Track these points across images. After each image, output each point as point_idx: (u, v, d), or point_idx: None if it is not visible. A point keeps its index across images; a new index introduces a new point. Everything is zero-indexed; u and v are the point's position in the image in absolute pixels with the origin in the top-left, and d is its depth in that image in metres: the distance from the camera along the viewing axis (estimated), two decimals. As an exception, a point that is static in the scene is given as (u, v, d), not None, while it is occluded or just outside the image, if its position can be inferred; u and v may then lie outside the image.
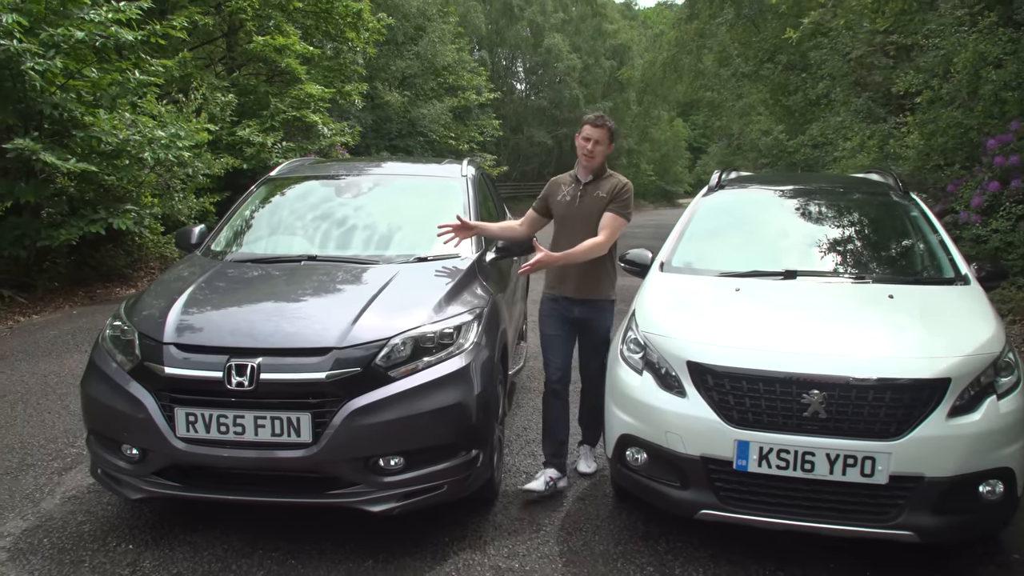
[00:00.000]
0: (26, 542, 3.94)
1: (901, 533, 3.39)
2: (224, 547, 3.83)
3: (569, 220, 4.59)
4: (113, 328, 4.08)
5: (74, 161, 10.54)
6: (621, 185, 4.55)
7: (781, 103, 17.35)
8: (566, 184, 4.69)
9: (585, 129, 4.54)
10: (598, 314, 4.59)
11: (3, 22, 9.47)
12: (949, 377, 3.39)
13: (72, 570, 3.66)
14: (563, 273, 4.57)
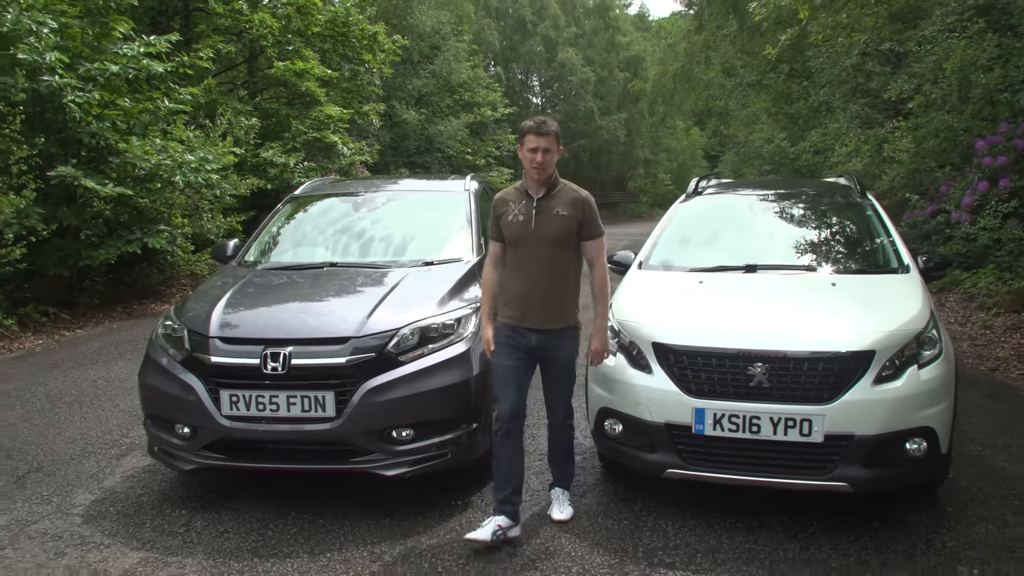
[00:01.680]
0: (95, 510, 4.62)
1: (837, 484, 3.99)
2: (262, 510, 4.49)
3: (525, 242, 4.09)
4: (165, 327, 4.75)
5: (111, 186, 11.31)
6: (583, 201, 4.15)
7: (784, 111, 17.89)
8: (515, 201, 4.17)
9: (529, 139, 4.04)
10: (561, 343, 4.17)
11: (47, 60, 10.23)
12: (873, 350, 3.99)
13: (136, 530, 4.33)
14: (525, 299, 4.10)
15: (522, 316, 4.11)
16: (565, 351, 4.19)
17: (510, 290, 4.17)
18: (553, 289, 4.11)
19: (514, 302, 4.14)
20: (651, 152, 53.27)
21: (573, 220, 4.08)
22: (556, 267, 4.10)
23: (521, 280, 4.12)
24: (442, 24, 32.14)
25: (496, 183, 30.12)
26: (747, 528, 4.22)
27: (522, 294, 4.11)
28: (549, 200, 4.10)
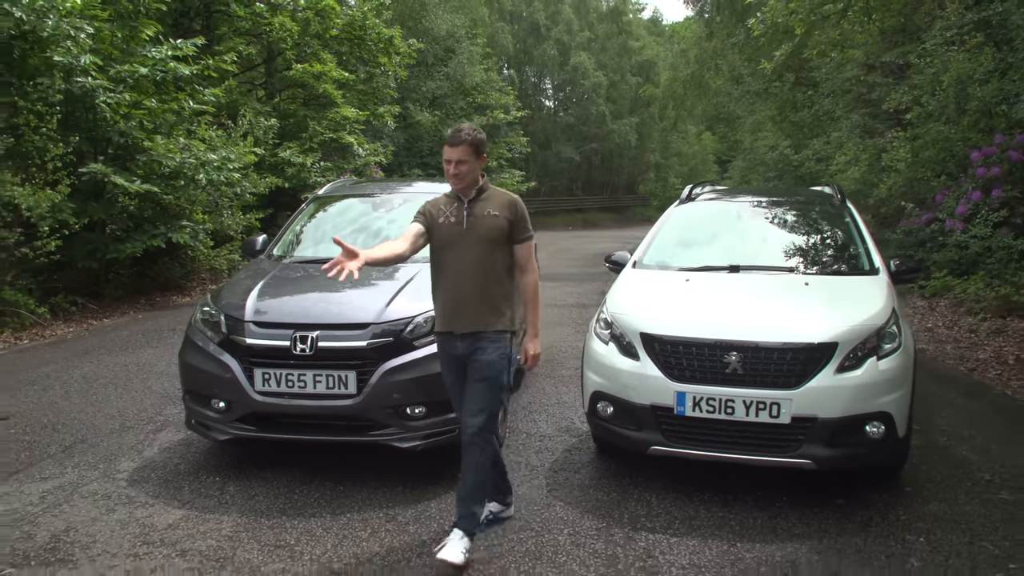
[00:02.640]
0: (138, 476, 5.15)
1: (802, 462, 4.48)
2: (289, 478, 5.01)
3: (457, 244, 4.04)
4: (203, 313, 5.27)
5: (139, 182, 11.86)
6: (514, 203, 4.12)
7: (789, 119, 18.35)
8: (446, 206, 4.13)
9: (445, 151, 4.02)
10: (484, 347, 4.03)
11: (81, 62, 10.79)
12: (836, 342, 4.47)
13: (175, 492, 4.86)
14: (456, 302, 4.05)
15: (452, 320, 4.05)
16: (487, 353, 4.03)
17: (442, 294, 4.11)
18: (485, 290, 4.02)
19: (446, 307, 4.08)
20: (662, 156, 53.72)
21: (505, 221, 4.04)
22: (489, 268, 4.03)
23: (452, 283, 4.05)
24: (456, 27, 32.66)
25: (508, 185, 30.66)
26: (722, 501, 4.71)
27: (453, 297, 4.04)
28: (479, 202, 4.08)
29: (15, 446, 5.76)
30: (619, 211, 51.77)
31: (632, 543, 4.20)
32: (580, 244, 26.16)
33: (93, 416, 6.51)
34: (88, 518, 4.52)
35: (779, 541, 4.22)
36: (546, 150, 46.17)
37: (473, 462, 4.01)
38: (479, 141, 4.06)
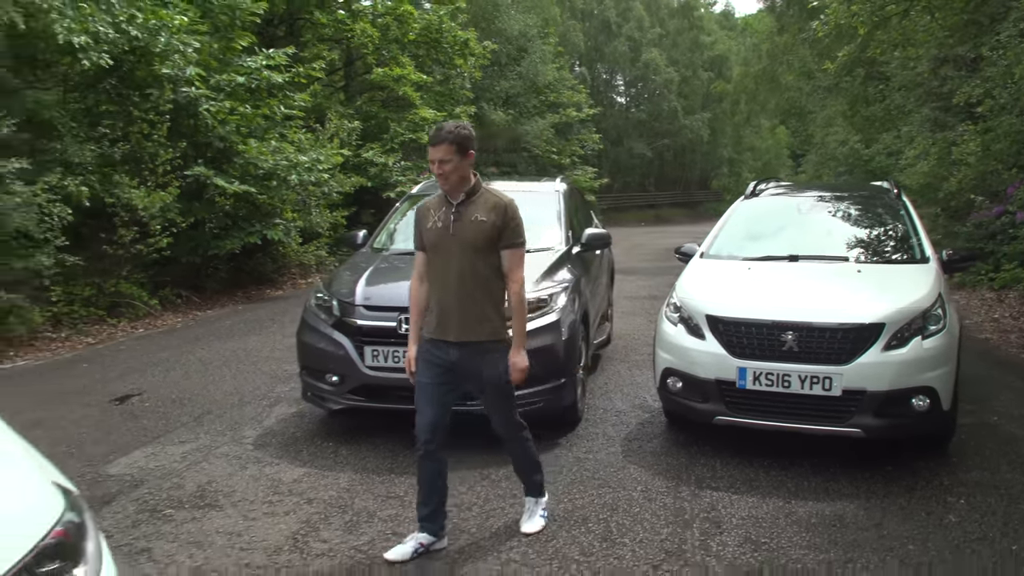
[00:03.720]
0: (261, 441, 5.90)
1: (852, 431, 4.99)
2: (394, 443, 5.70)
3: (443, 248, 3.98)
4: (317, 299, 5.99)
5: (237, 183, 12.78)
6: (504, 207, 4.00)
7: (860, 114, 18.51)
8: (435, 208, 4.08)
9: (429, 151, 3.95)
10: (484, 360, 4.02)
11: (187, 74, 11.72)
12: (883, 322, 4.97)
13: (296, 455, 5.58)
14: (443, 309, 4.00)
15: (441, 328, 4.01)
16: (489, 369, 4.03)
17: (432, 302, 4.08)
18: (471, 298, 3.95)
19: (433, 313, 4.05)
20: (735, 151, 53.57)
21: (492, 226, 3.94)
22: (475, 275, 3.96)
23: (439, 289, 4.02)
24: (529, 27, 33.23)
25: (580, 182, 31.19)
26: (780, 466, 5.24)
27: (440, 304, 4.01)
28: (468, 205, 3.99)
29: (152, 416, 6.58)
30: (692, 206, 51.78)
31: (698, 499, 4.78)
32: (652, 240, 26.53)
33: (214, 393, 7.30)
34: (225, 473, 5.27)
35: (830, 500, 4.74)
36: (618, 146, 46.51)
37: (516, 449, 4.35)
38: (462, 138, 3.91)
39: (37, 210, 9.66)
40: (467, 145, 3.94)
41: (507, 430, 4.28)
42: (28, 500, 1.94)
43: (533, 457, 4.41)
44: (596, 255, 7.70)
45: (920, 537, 4.24)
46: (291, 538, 4.30)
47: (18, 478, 2.03)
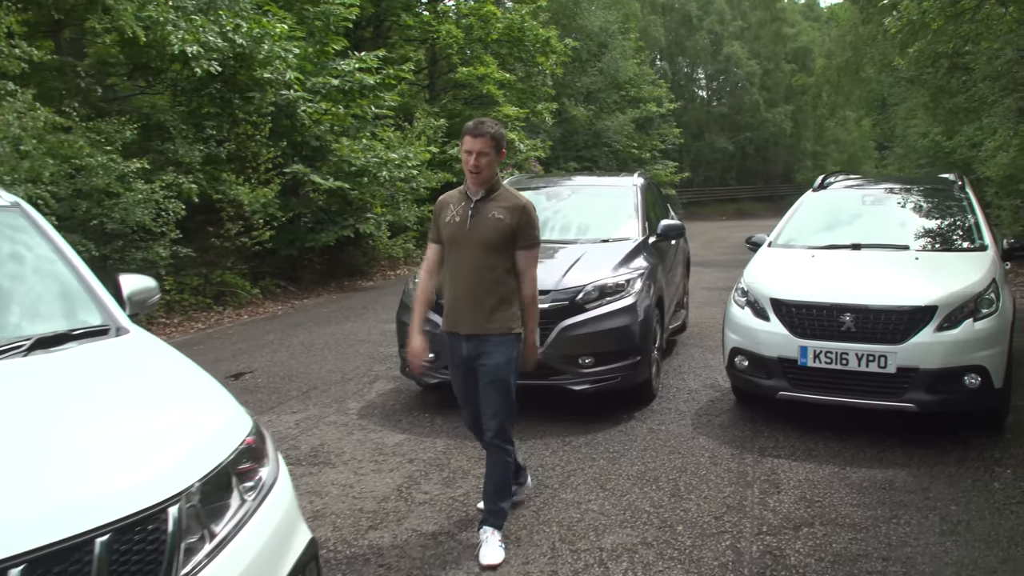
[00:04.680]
0: (364, 412, 6.58)
1: (906, 405, 5.40)
2: (485, 414, 6.30)
3: (459, 243, 4.02)
4: (415, 284, 6.61)
5: (331, 180, 13.59)
6: (522, 208, 4.01)
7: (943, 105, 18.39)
8: (455, 203, 4.11)
9: (465, 141, 3.95)
10: (489, 351, 4.01)
11: (287, 78, 12.56)
12: (936, 305, 5.36)
13: (395, 423, 6.23)
14: (456, 303, 4.08)
15: (454, 321, 4.11)
16: (492, 357, 4.02)
17: (447, 295, 4.16)
18: (483, 294, 3.99)
19: (448, 306, 4.15)
20: (818, 144, 52.89)
21: (508, 226, 3.96)
22: (488, 271, 3.99)
23: (453, 283, 4.09)
24: (609, 23, 33.62)
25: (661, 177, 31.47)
26: (838, 438, 5.67)
27: (454, 297, 4.09)
28: (487, 202, 4.01)
29: (265, 391, 7.32)
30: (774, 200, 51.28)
31: (759, 465, 5.26)
32: (732, 233, 26.66)
33: (318, 371, 8.02)
34: (334, 438, 5.95)
35: (882, 468, 5.16)
36: (699, 140, 46.50)
37: (495, 462, 4.14)
38: (501, 135, 3.99)
39: (154, 206, 10.57)
40: (502, 144, 4.02)
41: (498, 434, 4.10)
42: (229, 416, 2.59)
43: (509, 480, 4.24)
44: (672, 245, 8.18)
45: (963, 500, 4.65)
46: (396, 490, 4.93)
47: (220, 401, 2.68)
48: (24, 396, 2.49)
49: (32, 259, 3.35)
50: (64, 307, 3.20)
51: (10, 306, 3.09)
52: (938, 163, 18.76)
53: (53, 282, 3.29)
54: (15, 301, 3.13)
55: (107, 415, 2.44)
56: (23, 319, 3.05)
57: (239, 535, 2.23)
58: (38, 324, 3.03)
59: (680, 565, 3.93)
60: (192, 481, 2.16)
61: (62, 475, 2.03)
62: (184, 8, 11.53)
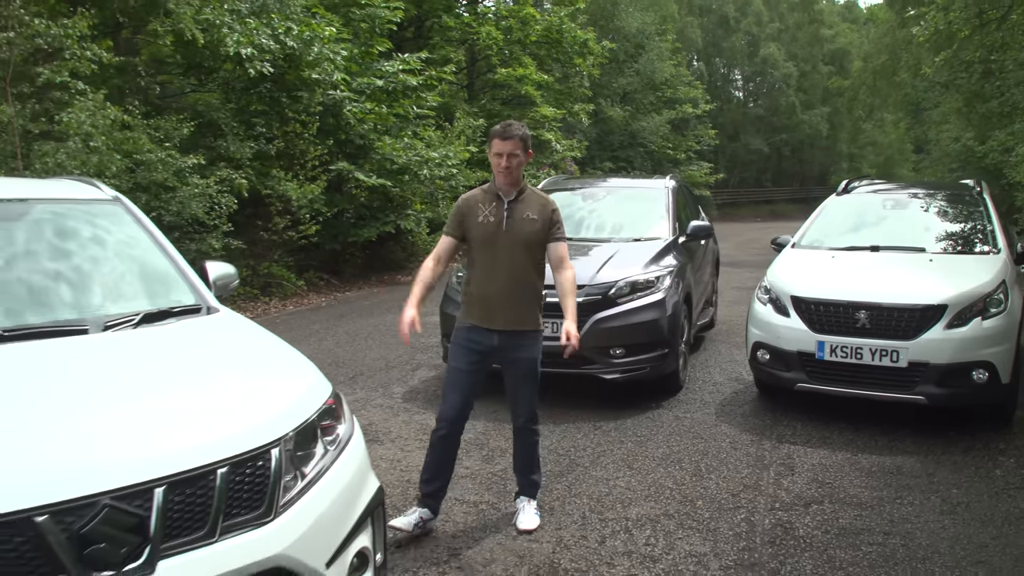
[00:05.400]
0: (407, 396, 7.06)
1: (916, 398, 5.77)
2: (521, 400, 6.74)
3: (496, 244, 4.19)
4: (457, 277, 7.08)
5: (375, 177, 14.10)
6: (552, 208, 4.29)
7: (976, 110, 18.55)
8: (485, 203, 4.24)
9: (495, 144, 4.12)
10: (524, 343, 4.30)
11: (334, 79, 13.09)
12: (946, 304, 5.72)
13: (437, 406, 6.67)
14: (493, 301, 4.21)
15: (488, 317, 4.23)
16: (528, 351, 4.30)
17: (477, 292, 4.28)
18: (521, 291, 4.22)
19: (481, 303, 4.25)
20: (855, 146, 52.68)
21: (542, 224, 4.20)
22: (524, 269, 4.22)
23: (490, 282, 4.22)
24: (647, 24, 33.85)
25: (696, 177, 31.73)
26: (853, 428, 6.05)
27: (491, 295, 4.21)
28: (519, 203, 4.21)
29: (316, 376, 7.81)
30: (809, 202, 50.99)
31: (777, 450, 5.66)
32: (765, 234, 26.73)
33: (363, 359, 8.51)
34: (381, 419, 6.42)
35: (892, 455, 5.54)
36: (735, 142, 46.56)
37: (527, 442, 4.51)
38: (527, 137, 4.18)
39: (208, 200, 11.13)
40: (529, 144, 4.20)
41: (528, 417, 4.46)
42: (312, 381, 3.05)
43: (538, 454, 4.59)
44: (701, 245, 8.57)
45: (965, 484, 5.02)
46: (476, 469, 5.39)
47: (305, 368, 3.15)
48: (142, 359, 2.98)
49: (133, 246, 3.85)
50: (162, 288, 3.68)
51: (119, 287, 3.59)
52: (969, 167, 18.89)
53: (152, 267, 3.78)
54: (123, 282, 3.62)
55: (214, 376, 2.93)
56: (130, 298, 3.53)
57: (323, 478, 2.69)
58: (142, 302, 3.51)
59: (698, 534, 4.35)
60: (288, 430, 2.62)
61: (189, 421, 2.51)
62: (238, 11, 12.10)
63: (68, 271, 3.54)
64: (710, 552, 4.14)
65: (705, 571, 3.94)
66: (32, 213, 3.70)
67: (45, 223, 3.69)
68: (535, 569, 3.97)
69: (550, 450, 5.66)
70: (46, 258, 3.53)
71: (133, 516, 2.16)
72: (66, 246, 3.67)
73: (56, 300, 3.36)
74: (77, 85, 9.62)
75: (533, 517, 4.45)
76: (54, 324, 3.12)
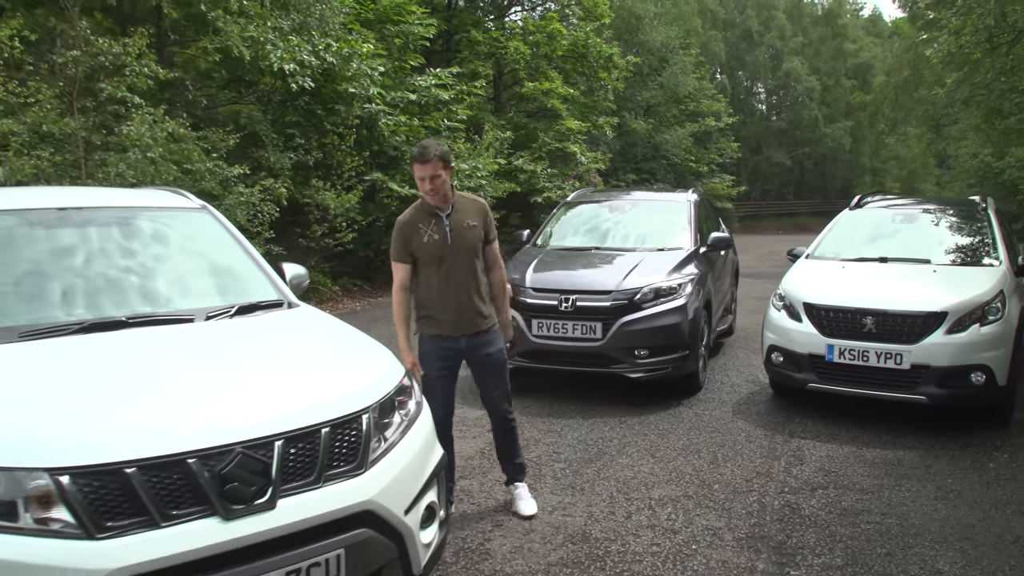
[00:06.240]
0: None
1: (918, 398, 6.25)
2: (552, 395, 7.30)
3: (446, 257, 4.41)
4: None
5: (407, 188, 14.69)
6: (486, 208, 4.58)
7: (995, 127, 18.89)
8: (424, 223, 4.43)
9: (416, 169, 4.30)
10: (488, 341, 4.58)
11: (371, 92, 13.71)
12: (946, 311, 6.20)
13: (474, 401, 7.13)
14: (456, 310, 4.46)
15: (455, 325, 4.49)
16: (493, 346, 4.62)
17: (438, 305, 4.49)
18: (476, 294, 4.49)
19: (444, 314, 4.47)
20: (878, 160, 52.90)
21: (480, 229, 4.49)
22: (474, 274, 4.51)
23: (447, 294, 4.45)
24: (671, 39, 34.26)
25: (718, 190, 32.14)
26: (860, 426, 6.54)
27: (452, 305, 4.46)
28: (456, 214, 4.43)
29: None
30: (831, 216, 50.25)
31: (788, 443, 6.16)
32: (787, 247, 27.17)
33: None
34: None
35: (894, 449, 6.03)
36: (757, 155, 46.89)
37: (507, 430, 4.85)
38: (445, 153, 4.31)
39: (251, 208, 11.75)
40: (449, 160, 4.34)
41: (505, 405, 4.79)
42: (389, 363, 3.61)
43: (518, 439, 4.95)
44: (721, 256, 9.08)
45: (960, 474, 5.50)
46: (480, 451, 5.94)
47: (382, 352, 3.71)
48: (245, 343, 3.56)
49: (221, 248, 4.43)
50: (249, 286, 4.25)
51: (214, 283, 4.17)
52: (987, 183, 19.24)
53: (239, 266, 4.36)
54: (217, 279, 4.21)
55: (310, 357, 3.53)
56: (223, 293, 4.11)
57: (400, 442, 3.24)
58: (234, 297, 4.08)
59: (714, 512, 4.86)
60: (374, 401, 3.17)
61: (299, 391, 3.09)
62: (281, 29, 12.74)
63: (170, 269, 4.14)
64: (724, 527, 4.66)
65: (720, 542, 4.46)
66: (138, 219, 4.30)
67: (148, 228, 4.29)
68: (570, 536, 4.51)
69: (580, 440, 6.20)
70: (152, 258, 4.12)
71: (259, 463, 2.72)
72: (167, 248, 4.27)
73: (162, 294, 3.94)
74: (134, 99, 10.26)
75: (530, 501, 4.86)
76: (167, 314, 3.70)
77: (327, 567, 2.79)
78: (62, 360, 3.14)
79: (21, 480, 2.45)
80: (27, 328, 3.36)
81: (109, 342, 3.33)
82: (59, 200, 4.37)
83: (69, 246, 3.92)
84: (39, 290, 3.66)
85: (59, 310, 3.58)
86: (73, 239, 3.98)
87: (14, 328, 3.35)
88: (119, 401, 2.83)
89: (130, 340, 3.38)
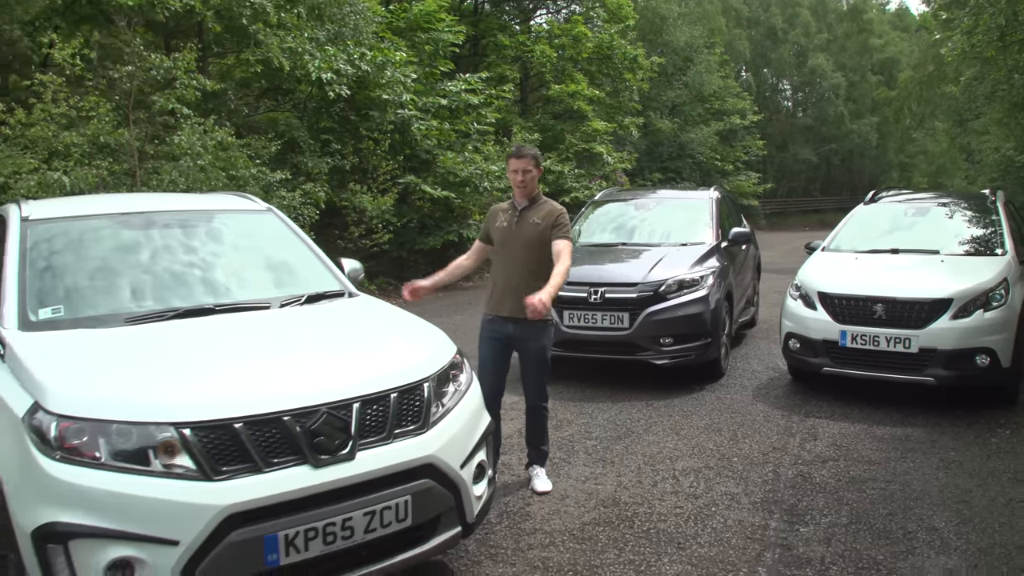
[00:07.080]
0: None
1: (926, 379, 6.69)
2: (581, 380, 7.79)
3: (508, 244, 5.00)
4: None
5: (439, 190, 15.26)
6: (558, 212, 4.98)
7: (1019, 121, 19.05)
8: (504, 212, 5.11)
9: (511, 163, 4.97)
10: (533, 334, 4.99)
11: (404, 99, 14.29)
12: (952, 298, 6.64)
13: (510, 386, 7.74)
14: (504, 292, 4.99)
15: (501, 306, 5.03)
16: (536, 341, 5.03)
17: (494, 282, 5.14)
18: (526, 283, 4.80)
19: (495, 291, 5.10)
20: (905, 156, 52.75)
21: (545, 227, 4.93)
22: (527, 264, 4.94)
23: (502, 275, 5.06)
24: (695, 38, 34.57)
25: (744, 188, 32.45)
26: (872, 405, 6.99)
27: (502, 287, 5.03)
28: (528, 211, 5.02)
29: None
30: (858, 211, 51.29)
31: (803, 422, 6.63)
32: (811, 242, 27.61)
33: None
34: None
35: (903, 427, 6.48)
36: (783, 152, 47.02)
37: (539, 417, 5.28)
38: (538, 155, 5.06)
39: (292, 211, 12.33)
40: (540, 161, 5.07)
41: (539, 395, 5.22)
42: (443, 341, 4.15)
43: (546, 428, 5.38)
44: (743, 250, 9.55)
45: (963, 448, 5.95)
46: (518, 431, 6.42)
47: (436, 333, 4.26)
48: (318, 326, 4.12)
49: (287, 246, 4.99)
50: (314, 278, 4.80)
51: (284, 276, 4.74)
52: (1009, 177, 19.41)
53: (304, 261, 4.92)
54: (287, 273, 4.77)
55: (377, 336, 4.11)
56: (293, 284, 4.67)
57: (454, 408, 3.77)
58: (302, 287, 4.63)
59: (732, 480, 5.35)
60: (433, 371, 3.71)
61: (371, 363, 3.66)
62: (317, 39, 13.34)
63: (245, 264, 4.71)
64: (741, 492, 5.14)
65: (737, 505, 4.95)
66: (213, 221, 4.87)
67: (222, 228, 4.86)
68: (601, 501, 5.02)
69: (609, 420, 6.70)
70: (228, 254, 4.70)
71: (341, 421, 3.26)
72: (240, 245, 4.84)
73: (240, 285, 4.49)
74: (183, 110, 10.88)
75: (546, 480, 5.27)
76: (247, 302, 4.25)
77: (396, 510, 3.32)
78: (168, 340, 3.71)
79: (152, 432, 3.00)
80: (130, 314, 3.93)
81: (203, 325, 3.90)
82: (142, 205, 4.97)
83: (157, 245, 4.50)
84: (135, 282, 4.23)
85: (152, 300, 4.14)
86: (159, 239, 4.55)
87: (119, 314, 3.92)
88: (223, 370, 3.41)
89: (220, 324, 3.94)
